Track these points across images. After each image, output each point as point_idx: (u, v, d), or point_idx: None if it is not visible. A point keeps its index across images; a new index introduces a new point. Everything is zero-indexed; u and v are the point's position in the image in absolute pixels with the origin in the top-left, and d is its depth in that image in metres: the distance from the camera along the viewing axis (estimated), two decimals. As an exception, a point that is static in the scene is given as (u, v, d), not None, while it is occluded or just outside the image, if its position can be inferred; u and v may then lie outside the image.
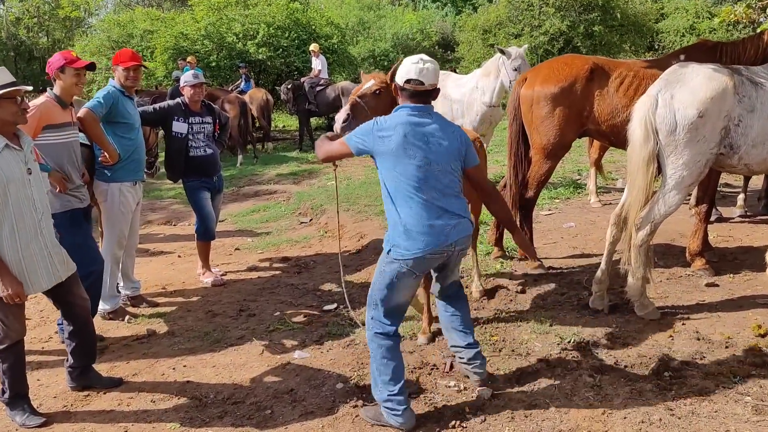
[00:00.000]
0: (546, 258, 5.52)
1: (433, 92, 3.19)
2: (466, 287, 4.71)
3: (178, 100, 5.62)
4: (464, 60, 20.67)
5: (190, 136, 5.53)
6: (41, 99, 4.10)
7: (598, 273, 4.39)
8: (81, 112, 4.48)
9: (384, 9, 25.98)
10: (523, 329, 4.22)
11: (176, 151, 5.51)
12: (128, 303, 5.18)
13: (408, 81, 3.12)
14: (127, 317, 4.92)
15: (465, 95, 7.90)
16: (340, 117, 3.75)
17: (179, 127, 5.47)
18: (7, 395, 3.46)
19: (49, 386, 3.91)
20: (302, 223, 7.99)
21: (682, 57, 4.99)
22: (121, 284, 5.18)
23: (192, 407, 3.57)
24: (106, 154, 4.62)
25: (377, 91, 3.75)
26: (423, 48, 23.00)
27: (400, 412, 3.15)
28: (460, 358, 3.59)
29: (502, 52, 7.22)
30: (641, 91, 4.40)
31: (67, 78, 4.12)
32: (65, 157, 4.16)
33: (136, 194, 4.97)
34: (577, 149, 10.56)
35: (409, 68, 3.13)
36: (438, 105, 8.35)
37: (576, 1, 18.55)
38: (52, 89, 4.18)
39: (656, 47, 22.31)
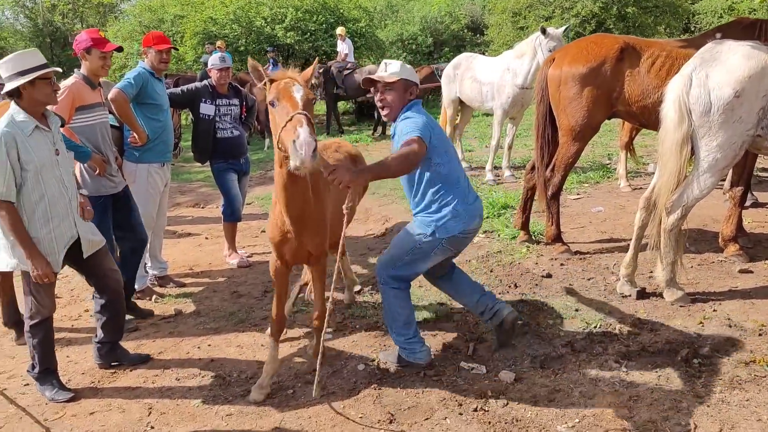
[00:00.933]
0: (573, 243, 5.42)
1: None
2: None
3: (205, 82, 5.64)
4: (493, 43, 20.39)
5: (217, 118, 5.55)
6: (71, 80, 4.14)
7: (626, 257, 4.29)
8: (112, 93, 4.52)
9: (413, -8, 25.73)
10: (548, 314, 4.16)
11: (203, 133, 5.54)
12: (155, 283, 5.25)
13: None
14: (154, 297, 4.99)
15: (495, 78, 7.77)
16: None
17: (206, 109, 5.50)
18: (36, 370, 3.54)
19: (78, 363, 3.98)
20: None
21: (718, 35, 4.81)
22: (149, 264, 5.24)
23: (215, 385, 3.61)
24: (135, 135, 4.66)
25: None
26: (451, 31, 22.75)
27: (417, 350, 3.53)
28: (485, 316, 3.70)
29: (544, 31, 7.05)
30: (674, 72, 4.26)
31: (93, 59, 4.15)
32: (99, 138, 4.21)
33: (164, 175, 5.01)
34: (608, 133, 10.35)
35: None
36: (466, 88, 8.25)
37: (609, -19, 18.12)
38: (79, 69, 4.22)
39: (692, 29, 21.70)
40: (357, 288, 4.95)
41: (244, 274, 5.53)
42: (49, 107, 3.44)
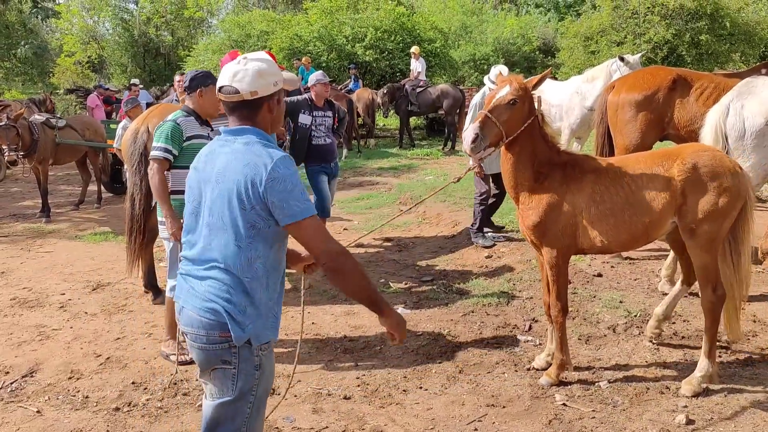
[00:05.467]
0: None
1: None
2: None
3: (305, 95, 6.60)
4: (564, 66, 20.89)
5: (313, 127, 6.49)
6: None
7: (667, 261, 4.93)
8: None
9: (486, 14, 26.53)
10: (595, 304, 4.85)
11: (301, 140, 6.48)
12: None
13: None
14: None
15: (564, 99, 8.44)
16: (468, 137, 3.38)
17: (304, 119, 6.45)
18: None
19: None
20: (401, 211, 8.84)
21: (764, 71, 5.42)
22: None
23: (317, 340, 4.49)
24: None
25: (512, 101, 3.39)
26: (523, 53, 23.41)
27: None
28: None
29: (622, 59, 7.69)
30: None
31: None
32: None
33: None
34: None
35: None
36: (533, 108, 8.96)
37: (683, 9, 18.38)
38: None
39: (769, 57, 21.56)
40: (430, 278, 5.77)
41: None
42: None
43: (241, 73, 2.21)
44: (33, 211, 9.23)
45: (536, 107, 3.52)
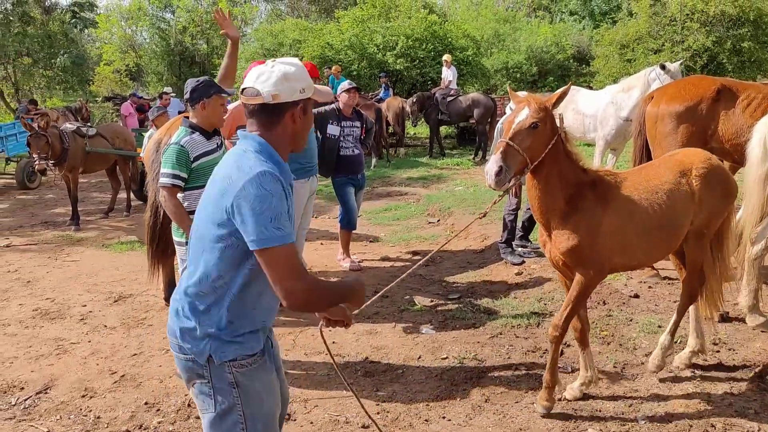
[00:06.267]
0: (663, 268, 5.75)
1: None
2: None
3: (332, 105, 6.46)
4: (599, 74, 20.44)
5: (341, 138, 6.35)
6: (238, 102, 5.02)
7: (747, 289, 4.60)
8: None
9: (519, 21, 26.22)
10: (632, 328, 4.57)
11: (329, 151, 6.34)
12: None
13: None
14: None
15: (599, 110, 8.15)
16: (491, 170, 3.09)
17: (333, 129, 6.31)
18: None
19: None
20: (430, 222, 8.63)
21: (816, 81, 5.07)
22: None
23: (337, 363, 4.30)
24: None
25: (533, 125, 3.12)
26: (557, 61, 23.02)
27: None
28: None
29: (663, 67, 7.39)
30: (768, 113, 4.59)
31: None
32: None
33: (310, 187, 5.63)
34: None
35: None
36: (568, 119, 8.69)
37: (724, 15, 17.81)
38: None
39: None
40: (457, 295, 5.56)
41: (355, 276, 6.25)
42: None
43: (266, 74, 2.06)
44: (64, 219, 9.29)
45: (558, 125, 3.29)
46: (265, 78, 2.05)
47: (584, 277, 3.36)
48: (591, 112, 8.28)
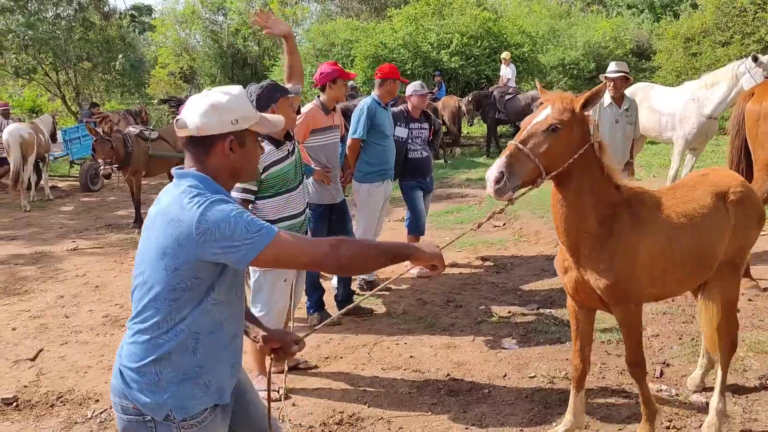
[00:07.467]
0: (762, 279, 5.32)
1: None
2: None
3: (401, 107, 6.24)
4: (662, 69, 19.61)
5: (409, 141, 6.12)
6: (309, 106, 4.86)
7: None
8: (350, 140, 5.40)
9: (575, 16, 25.48)
10: (739, 346, 4.18)
11: (397, 153, 6.12)
12: (365, 287, 5.85)
13: None
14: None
15: (678, 107, 7.69)
16: (490, 176, 2.63)
17: (401, 132, 6.08)
18: None
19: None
20: (495, 226, 8.32)
21: None
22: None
23: (417, 379, 4.08)
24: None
25: (552, 127, 2.64)
26: (616, 56, 22.21)
27: None
28: None
29: (756, 59, 6.87)
30: None
31: (338, 88, 4.84)
32: (330, 155, 4.92)
33: (386, 190, 5.61)
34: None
35: None
36: (643, 118, 8.23)
37: (803, 2, 16.82)
38: (319, 97, 4.93)
39: None
40: (535, 306, 5.26)
41: (424, 284, 6.02)
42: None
43: (196, 104, 1.95)
44: (127, 221, 9.36)
45: (591, 133, 2.73)
46: (193, 109, 1.94)
47: (625, 314, 2.96)
48: (669, 110, 7.82)
